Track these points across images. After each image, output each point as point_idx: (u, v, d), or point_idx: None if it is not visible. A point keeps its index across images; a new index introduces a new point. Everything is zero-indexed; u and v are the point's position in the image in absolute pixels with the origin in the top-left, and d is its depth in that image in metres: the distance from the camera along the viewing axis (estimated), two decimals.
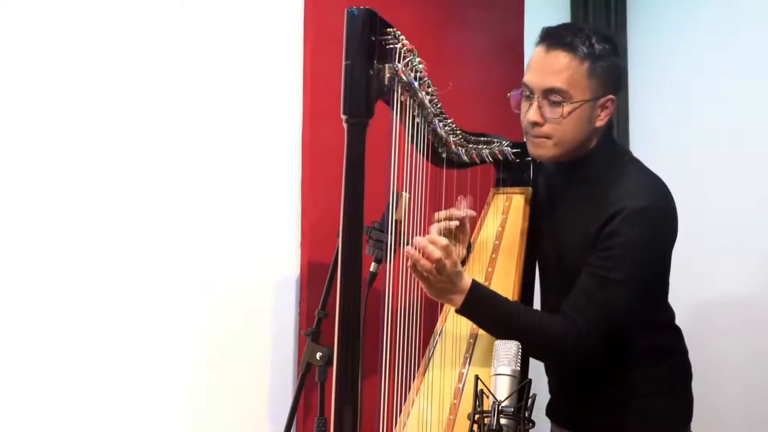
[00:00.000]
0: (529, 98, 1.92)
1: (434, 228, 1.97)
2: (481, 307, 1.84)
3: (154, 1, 2.22)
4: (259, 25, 2.41)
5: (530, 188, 2.07)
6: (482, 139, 2.02)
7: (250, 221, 2.38)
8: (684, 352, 2.11)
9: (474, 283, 1.83)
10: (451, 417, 1.81)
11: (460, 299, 1.82)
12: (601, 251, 1.87)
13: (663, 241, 1.95)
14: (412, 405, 1.87)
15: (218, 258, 2.31)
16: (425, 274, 1.77)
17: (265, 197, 2.41)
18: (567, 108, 1.88)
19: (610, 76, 1.92)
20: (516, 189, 2.10)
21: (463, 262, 2.05)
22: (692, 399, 2.09)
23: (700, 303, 2.84)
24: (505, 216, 2.08)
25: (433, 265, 1.76)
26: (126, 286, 2.15)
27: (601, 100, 1.92)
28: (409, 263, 1.78)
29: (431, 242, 1.77)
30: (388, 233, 1.99)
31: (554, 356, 1.96)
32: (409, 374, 1.83)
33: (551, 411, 2.17)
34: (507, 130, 2.89)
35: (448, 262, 1.77)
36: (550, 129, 1.91)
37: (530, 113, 1.91)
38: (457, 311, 1.85)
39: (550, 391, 2.18)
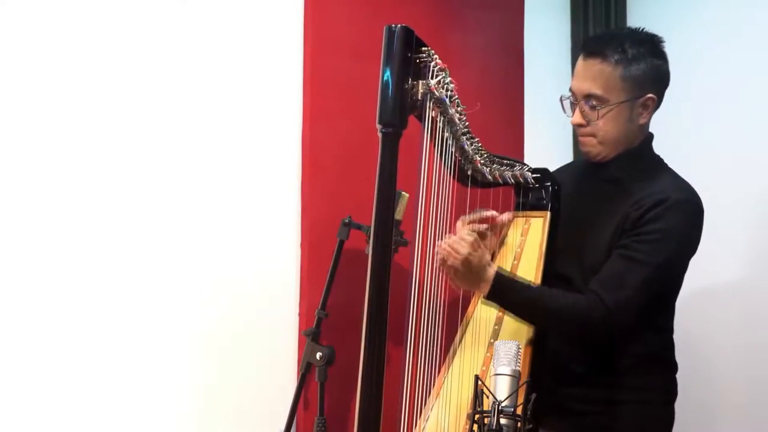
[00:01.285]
0: (573, 104, 2.06)
1: (462, 225, 2.04)
2: (507, 293, 1.93)
3: (155, 1, 2.22)
4: (260, 26, 2.41)
5: (549, 213, 2.12)
6: (505, 161, 2.08)
7: (250, 221, 2.38)
8: (675, 367, 2.13)
9: (498, 271, 1.93)
10: (467, 426, 1.82)
11: (486, 288, 1.92)
12: (639, 235, 1.96)
13: (696, 236, 2.04)
14: (431, 410, 1.89)
15: (218, 258, 2.31)
16: (454, 269, 1.87)
17: (265, 197, 2.41)
18: (603, 110, 2.00)
19: (647, 76, 2.02)
20: (535, 213, 2.14)
21: None
22: (674, 417, 2.11)
23: (697, 305, 2.84)
24: (524, 238, 2.12)
25: (461, 261, 1.86)
26: (126, 286, 2.15)
27: (640, 100, 2.03)
28: (438, 258, 1.87)
29: (460, 239, 1.88)
30: (403, 233, 2.08)
31: (579, 334, 2.03)
32: (429, 375, 1.85)
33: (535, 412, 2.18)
34: (506, 129, 2.91)
35: (475, 258, 1.87)
36: (593, 129, 2.04)
37: (573, 117, 2.06)
38: (485, 298, 1.94)
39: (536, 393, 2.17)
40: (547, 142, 2.99)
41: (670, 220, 1.95)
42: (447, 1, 2.82)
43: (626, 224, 1.97)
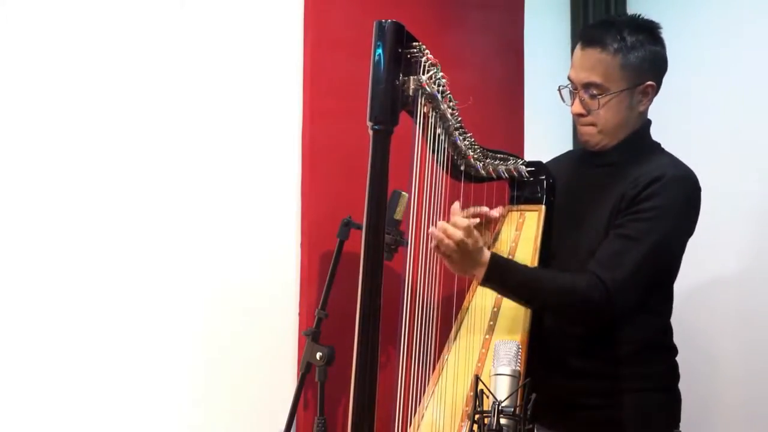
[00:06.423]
0: (573, 93, 2.06)
1: (456, 212, 1.99)
2: (504, 275, 1.91)
3: (155, 2, 2.22)
4: (260, 26, 2.41)
5: (543, 206, 2.11)
6: (499, 155, 2.08)
7: (251, 221, 2.38)
8: (674, 351, 2.12)
9: (494, 254, 1.90)
10: (463, 423, 1.82)
11: (482, 272, 1.89)
12: (635, 213, 1.95)
13: (693, 214, 2.03)
14: (425, 408, 1.88)
15: (218, 258, 2.31)
16: (448, 253, 1.84)
17: (265, 197, 2.41)
18: (603, 99, 2.01)
19: (646, 63, 2.03)
20: (530, 206, 2.14)
21: None
22: (680, 399, 2.10)
23: (697, 297, 2.85)
24: (519, 232, 2.11)
25: (455, 243, 1.83)
26: (126, 286, 2.15)
27: (640, 87, 2.04)
28: (432, 243, 1.84)
29: (453, 224, 1.84)
30: (403, 233, 2.09)
31: (579, 316, 2.00)
32: (423, 374, 1.85)
33: (536, 410, 2.17)
34: (506, 129, 2.91)
35: (470, 242, 1.84)
36: (593, 118, 2.04)
37: (574, 106, 2.07)
38: (481, 283, 1.92)
39: (536, 391, 2.17)
40: (548, 142, 2.98)
41: (666, 197, 1.95)
42: (447, 1, 2.82)
43: (622, 203, 1.97)
